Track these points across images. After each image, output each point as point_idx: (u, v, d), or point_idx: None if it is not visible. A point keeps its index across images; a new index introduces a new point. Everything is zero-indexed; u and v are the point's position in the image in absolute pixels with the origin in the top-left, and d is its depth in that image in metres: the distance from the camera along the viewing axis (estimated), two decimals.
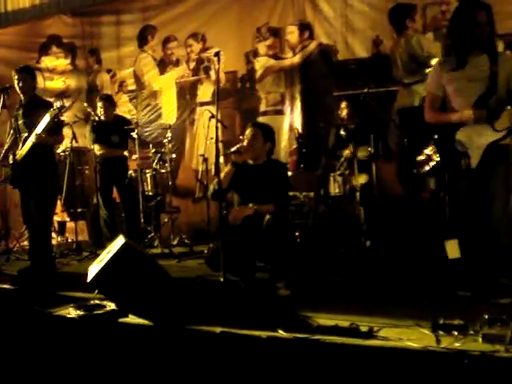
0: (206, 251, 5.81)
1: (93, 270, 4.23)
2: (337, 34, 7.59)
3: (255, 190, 4.92)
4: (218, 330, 3.51)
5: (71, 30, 9.64)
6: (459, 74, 4.04)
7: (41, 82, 5.68)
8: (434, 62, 5.72)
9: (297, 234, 5.49)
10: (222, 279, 4.39)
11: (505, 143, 4.00)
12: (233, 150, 4.99)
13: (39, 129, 5.42)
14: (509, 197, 4.10)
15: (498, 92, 3.95)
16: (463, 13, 4.02)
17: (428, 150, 5.12)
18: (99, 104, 7.27)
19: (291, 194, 5.81)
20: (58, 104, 5.49)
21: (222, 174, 4.81)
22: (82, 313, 4.03)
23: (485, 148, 3.98)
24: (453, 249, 4.25)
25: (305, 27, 7.73)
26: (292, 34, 7.82)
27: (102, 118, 7.21)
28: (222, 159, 5.48)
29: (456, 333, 3.16)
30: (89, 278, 4.14)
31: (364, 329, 3.36)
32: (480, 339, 3.05)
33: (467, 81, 4.01)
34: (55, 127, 5.56)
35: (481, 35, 3.95)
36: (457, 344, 3.03)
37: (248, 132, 5.06)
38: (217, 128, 4.61)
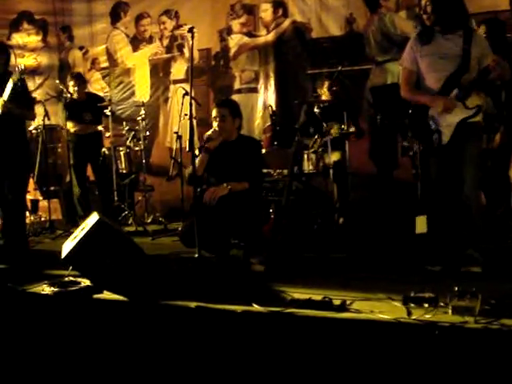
0: (180, 229, 5.82)
1: (67, 246, 4.22)
2: (311, 12, 7.58)
3: (229, 168, 4.92)
4: (193, 304, 3.53)
5: (43, 6, 9.46)
6: (432, 50, 4.10)
7: (12, 59, 5.54)
8: None
9: (271, 210, 5.51)
10: (196, 255, 4.42)
11: (475, 121, 4.07)
12: (206, 137, 4.97)
13: (4, 95, 5.29)
14: (479, 173, 4.18)
15: (470, 71, 4.01)
16: None
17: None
18: (71, 82, 7.21)
19: (265, 171, 5.84)
20: (20, 67, 5.37)
21: (198, 161, 4.79)
22: (56, 289, 4.02)
23: (455, 125, 4.05)
24: (421, 224, 4.33)
25: (279, 5, 7.71)
26: (266, 12, 7.80)
27: (74, 95, 7.15)
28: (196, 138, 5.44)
29: (426, 305, 3.23)
30: (63, 255, 4.13)
31: (337, 302, 3.40)
32: (450, 311, 3.11)
33: (439, 57, 4.08)
34: (23, 98, 5.45)
35: (425, 13, 4.06)
36: (427, 316, 3.09)
37: (215, 113, 5.01)
38: (191, 105, 4.59)
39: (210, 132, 4.98)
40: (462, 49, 4.03)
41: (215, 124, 4.99)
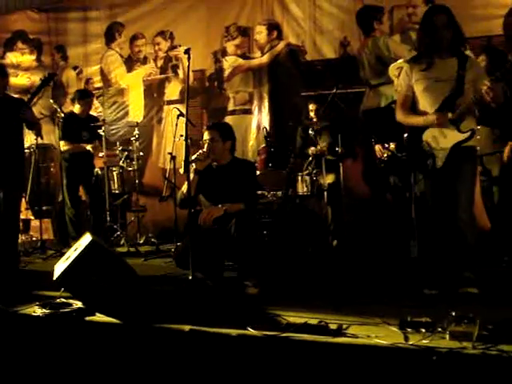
0: (173, 250, 5.78)
1: (59, 267, 4.17)
2: (305, 35, 7.62)
3: (223, 192, 4.90)
4: (187, 328, 3.50)
5: (37, 25, 9.49)
6: (427, 75, 4.14)
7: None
8: (400, 61, 5.78)
9: (265, 232, 5.50)
10: (190, 277, 4.38)
11: (469, 145, 4.08)
12: (193, 158, 4.94)
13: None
14: (473, 196, 4.18)
15: (465, 94, 4.02)
16: (424, 18, 4.14)
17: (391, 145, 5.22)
18: (87, 100, 7.20)
19: (259, 192, 5.82)
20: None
21: (186, 183, 4.78)
22: (47, 311, 3.98)
23: (450, 149, 4.06)
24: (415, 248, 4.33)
25: (273, 27, 7.75)
26: (260, 34, 7.84)
27: (77, 112, 7.14)
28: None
29: (423, 330, 3.20)
30: (55, 276, 4.08)
31: (333, 326, 3.37)
32: (447, 336, 3.09)
33: (434, 80, 4.11)
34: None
35: (441, 38, 4.03)
36: (424, 341, 3.07)
37: (205, 137, 5.00)
38: (187, 126, 4.58)
39: (198, 153, 4.96)
40: (456, 72, 4.05)
41: (206, 146, 4.98)
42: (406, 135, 4.35)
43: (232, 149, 5.08)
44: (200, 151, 4.97)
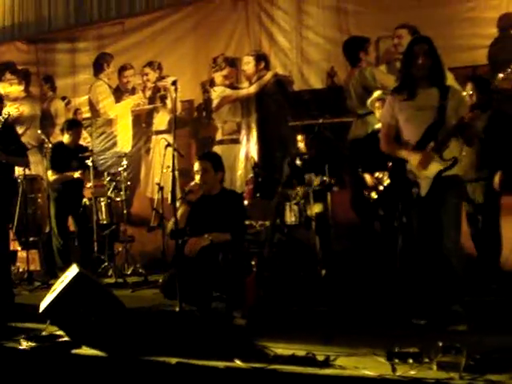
0: (160, 280, 5.75)
1: (46, 300, 4.14)
2: (292, 65, 7.69)
3: (211, 222, 4.89)
4: (174, 360, 3.47)
5: (26, 56, 9.55)
6: (409, 104, 4.18)
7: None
8: (376, 93, 5.85)
9: (253, 262, 5.48)
10: (177, 309, 4.36)
11: (453, 174, 4.10)
12: (186, 191, 4.95)
13: None
14: (459, 225, 4.20)
15: (447, 123, 4.06)
16: (407, 47, 4.22)
17: (378, 174, 5.24)
18: (76, 129, 7.23)
19: (247, 222, 5.82)
20: (5, 111, 5.39)
21: (179, 214, 4.78)
22: (33, 344, 3.93)
23: (433, 177, 4.08)
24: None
25: (261, 58, 7.83)
26: (248, 65, 7.90)
27: (67, 142, 7.16)
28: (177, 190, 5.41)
29: (411, 361, 3.17)
30: (41, 308, 4.05)
31: (320, 358, 3.35)
32: (435, 367, 3.08)
33: (416, 110, 4.15)
34: (15, 145, 5.43)
35: (420, 65, 4.09)
36: (412, 372, 3.05)
37: (197, 167, 5.00)
38: (173, 156, 4.60)
39: (191, 184, 4.97)
40: (438, 102, 4.10)
41: (197, 177, 4.98)
42: (390, 164, 4.39)
43: (222, 179, 5.10)
44: (193, 183, 4.97)
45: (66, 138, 7.19)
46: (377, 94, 5.82)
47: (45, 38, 9.41)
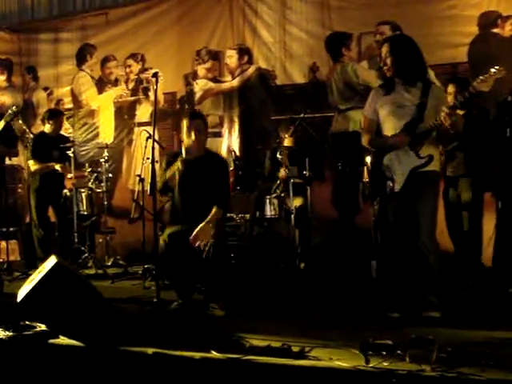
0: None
1: (23, 290, 4.15)
2: (275, 60, 7.72)
3: (199, 185, 4.84)
4: (150, 350, 3.49)
5: (8, 46, 9.47)
6: (390, 100, 4.25)
7: None
8: None
9: (232, 255, 5.51)
10: (155, 300, 4.38)
11: (430, 170, 4.15)
12: (186, 149, 4.83)
13: None
14: (434, 220, 4.25)
15: (425, 120, 4.11)
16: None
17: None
18: (57, 119, 7.19)
19: (228, 215, 5.83)
20: (13, 108, 5.35)
21: (170, 172, 4.76)
22: (10, 334, 3.93)
23: (408, 173, 4.13)
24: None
25: (244, 52, 7.83)
26: (231, 58, 7.91)
27: (48, 132, 7.13)
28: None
29: (384, 352, 3.22)
30: (19, 299, 4.06)
31: (295, 349, 3.39)
32: (407, 359, 3.12)
33: (397, 106, 4.21)
34: (8, 136, 5.41)
35: (386, 67, 4.23)
36: (385, 363, 3.09)
37: (190, 125, 4.84)
38: (153, 148, 4.60)
39: (187, 144, 4.86)
40: (419, 99, 4.15)
41: (193, 136, 4.83)
42: (368, 159, 4.44)
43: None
44: (190, 142, 4.83)
45: (47, 128, 7.16)
46: None
47: (28, 28, 9.35)
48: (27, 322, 4.09)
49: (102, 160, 7.22)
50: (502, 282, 5.14)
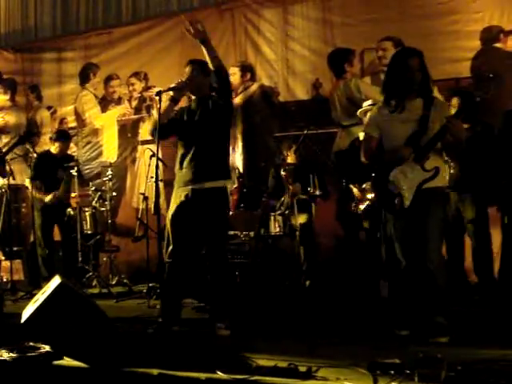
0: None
1: (27, 310, 4.11)
2: (278, 77, 7.73)
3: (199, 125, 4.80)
4: (156, 371, 3.45)
5: (12, 65, 9.53)
6: (395, 116, 4.17)
7: None
8: (366, 103, 5.88)
9: (237, 273, 5.48)
10: (160, 320, 4.35)
11: (437, 186, 4.10)
12: (171, 86, 4.83)
13: None
14: (442, 237, 4.21)
15: (429, 133, 4.07)
16: (397, 60, 4.19)
17: (365, 185, 5.27)
18: (65, 142, 7.22)
19: (232, 233, 5.81)
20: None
21: (162, 110, 4.72)
22: (14, 355, 3.89)
23: (415, 188, 4.08)
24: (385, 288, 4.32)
25: (247, 69, 7.84)
26: (234, 76, 7.89)
27: (54, 152, 7.15)
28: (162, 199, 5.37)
29: (393, 372, 3.18)
30: (23, 319, 4.03)
31: (302, 369, 3.34)
32: (416, 378, 3.07)
33: (400, 122, 4.15)
34: None
35: (413, 80, 4.10)
36: (393, 383, 3.06)
37: (187, 69, 4.92)
38: (157, 167, 4.58)
39: (176, 82, 4.86)
40: (422, 112, 4.11)
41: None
42: (373, 175, 4.40)
43: (211, 87, 4.97)
44: (179, 80, 4.85)
45: (53, 148, 7.18)
46: (367, 104, 5.83)
47: (31, 47, 9.42)
48: (31, 343, 4.07)
49: (105, 179, 7.22)
50: (508, 296, 5.10)
